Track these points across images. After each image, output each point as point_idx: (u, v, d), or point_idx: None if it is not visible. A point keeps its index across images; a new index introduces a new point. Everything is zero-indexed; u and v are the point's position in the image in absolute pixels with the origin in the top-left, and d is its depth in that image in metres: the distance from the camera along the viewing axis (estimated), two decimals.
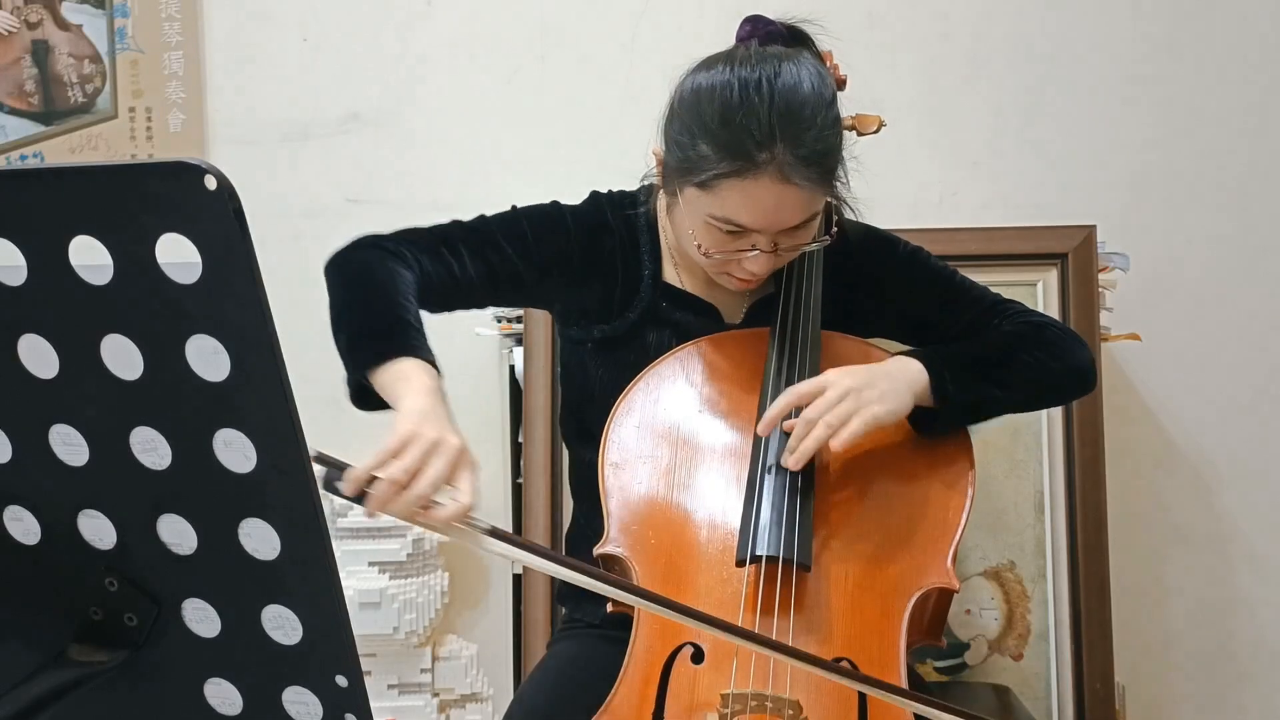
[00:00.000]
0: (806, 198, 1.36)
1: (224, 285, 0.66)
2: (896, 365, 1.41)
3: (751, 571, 1.30)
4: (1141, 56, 2.22)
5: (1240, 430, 2.24)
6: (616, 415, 1.43)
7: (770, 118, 1.32)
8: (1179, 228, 2.23)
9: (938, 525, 1.35)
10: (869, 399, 1.34)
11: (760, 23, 1.47)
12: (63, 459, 0.75)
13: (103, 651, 0.79)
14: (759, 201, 1.35)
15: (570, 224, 1.54)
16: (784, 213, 1.36)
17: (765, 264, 1.41)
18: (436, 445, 1.17)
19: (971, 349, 1.46)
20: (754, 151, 1.32)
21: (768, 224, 1.37)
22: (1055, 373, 1.47)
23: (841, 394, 1.34)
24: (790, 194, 1.34)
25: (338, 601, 0.74)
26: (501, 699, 2.20)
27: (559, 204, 1.57)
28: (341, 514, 2.12)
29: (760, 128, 1.32)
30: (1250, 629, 2.27)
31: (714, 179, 1.35)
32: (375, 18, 2.28)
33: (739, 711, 1.20)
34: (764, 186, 1.34)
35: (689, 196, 1.40)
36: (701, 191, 1.37)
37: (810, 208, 1.38)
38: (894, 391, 1.36)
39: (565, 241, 1.52)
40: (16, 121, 2.30)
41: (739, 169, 1.33)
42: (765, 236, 1.38)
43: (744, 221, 1.37)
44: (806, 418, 1.33)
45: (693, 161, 1.36)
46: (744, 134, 1.33)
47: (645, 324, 1.53)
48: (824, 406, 1.33)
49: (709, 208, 1.38)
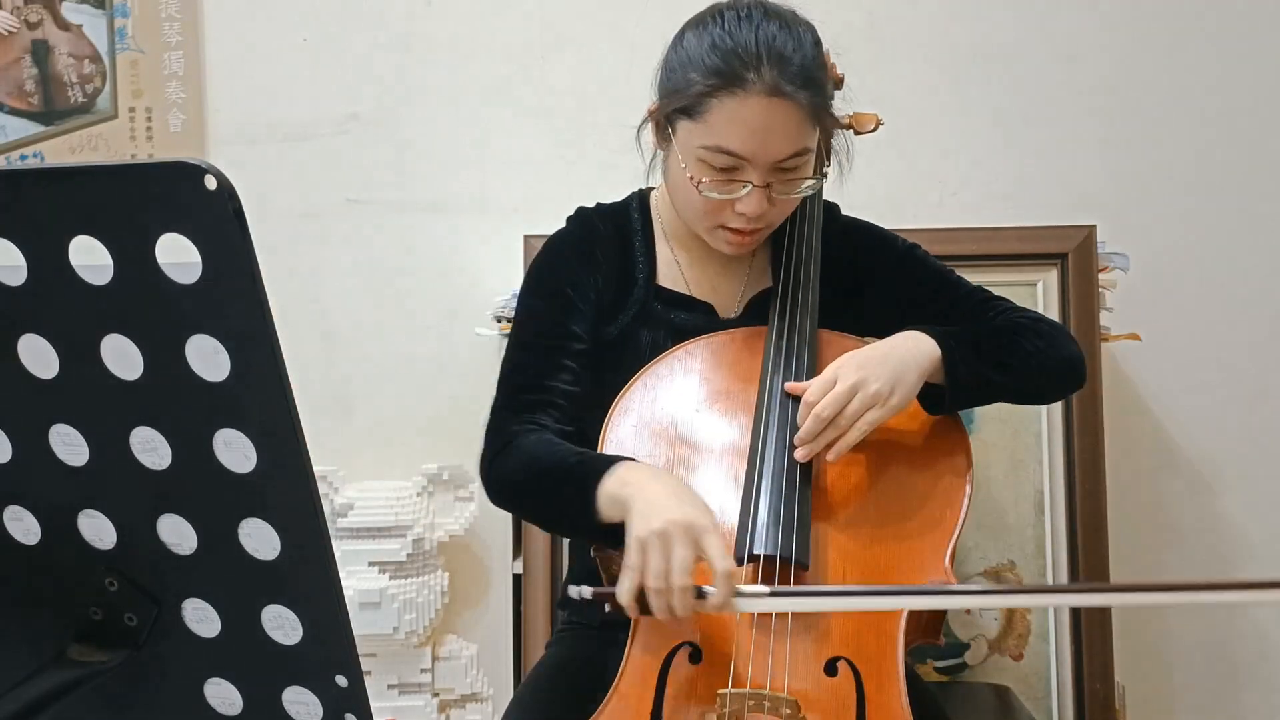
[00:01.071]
0: (796, 121, 1.37)
1: (224, 285, 0.66)
2: (908, 342, 1.40)
3: (749, 570, 1.30)
4: (1141, 56, 2.22)
5: (1240, 430, 2.24)
6: (614, 415, 1.43)
7: (757, 43, 1.36)
8: (1179, 228, 2.23)
9: (935, 523, 1.36)
10: (879, 392, 1.34)
11: None
12: (63, 459, 0.75)
13: (103, 651, 0.79)
14: (748, 122, 1.36)
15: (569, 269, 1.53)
16: (774, 136, 1.37)
17: (758, 204, 1.40)
18: (666, 533, 1.19)
19: (976, 330, 1.47)
20: (742, 71, 1.36)
21: (758, 147, 1.37)
22: (1053, 362, 1.48)
23: (850, 389, 1.34)
24: (779, 112, 1.36)
25: (338, 601, 0.74)
26: (501, 699, 2.20)
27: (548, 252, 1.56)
28: (341, 514, 2.12)
29: (747, 51, 1.36)
30: (1250, 629, 2.27)
31: (703, 99, 1.37)
32: (375, 18, 2.28)
33: (737, 711, 1.20)
34: (751, 104, 1.35)
35: (681, 132, 1.41)
36: (692, 122, 1.39)
37: (800, 137, 1.39)
38: (903, 379, 1.36)
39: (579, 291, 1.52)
40: (16, 121, 2.30)
41: (727, 86, 1.36)
42: (757, 171, 1.39)
43: (734, 147, 1.37)
44: (819, 415, 1.34)
45: (682, 89, 1.39)
46: (731, 56, 1.36)
47: (639, 326, 1.53)
48: (835, 403, 1.34)
49: (700, 137, 1.39)
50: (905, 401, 1.36)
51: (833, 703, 1.23)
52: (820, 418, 1.34)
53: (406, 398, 2.29)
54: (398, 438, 2.26)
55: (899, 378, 1.36)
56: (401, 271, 2.31)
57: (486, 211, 2.28)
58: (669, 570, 1.18)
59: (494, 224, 2.25)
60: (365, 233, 2.30)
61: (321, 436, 2.17)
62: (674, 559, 1.18)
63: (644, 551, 1.19)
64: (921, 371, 1.38)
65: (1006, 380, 1.45)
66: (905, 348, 1.40)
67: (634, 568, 1.20)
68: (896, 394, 1.35)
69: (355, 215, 2.30)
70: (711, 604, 1.18)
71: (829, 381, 1.35)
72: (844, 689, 1.23)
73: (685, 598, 1.18)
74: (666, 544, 1.19)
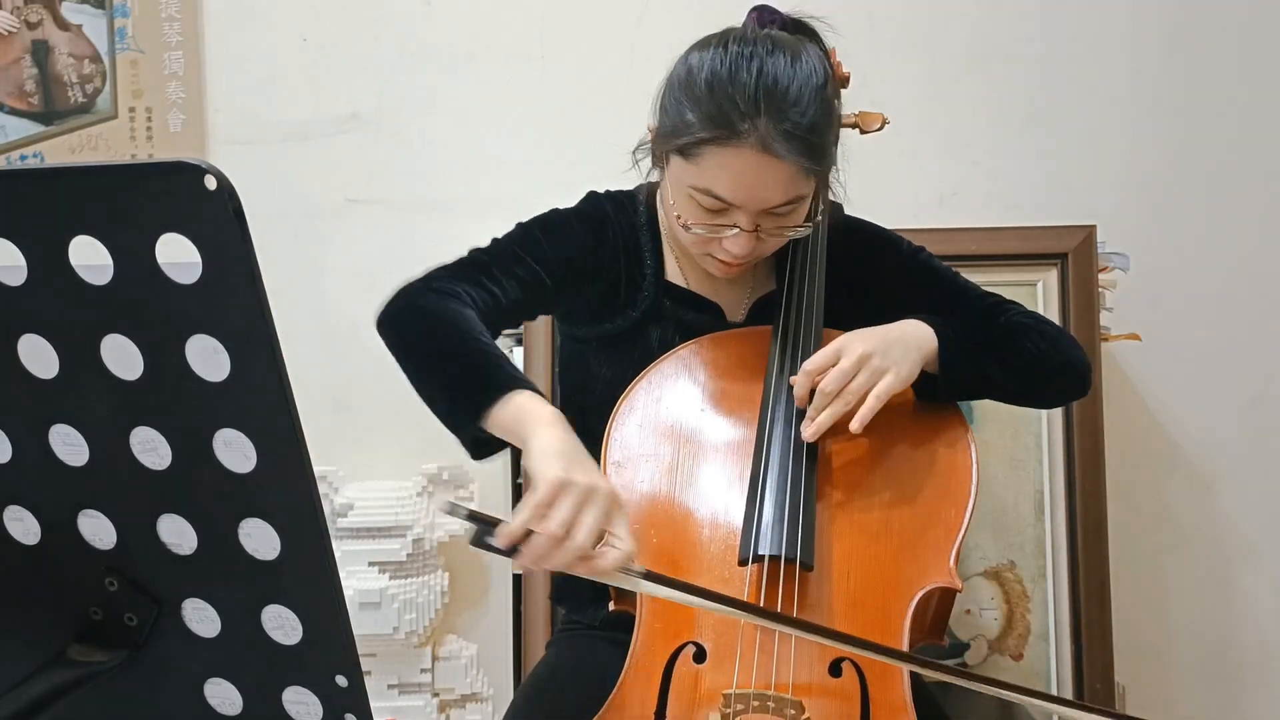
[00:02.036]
0: (788, 175, 1.35)
1: (224, 285, 0.66)
2: (909, 328, 1.41)
3: (754, 571, 1.30)
4: (1141, 56, 2.22)
5: (1240, 430, 2.24)
6: (619, 414, 1.43)
7: (756, 91, 1.33)
8: (1179, 228, 2.23)
9: (940, 525, 1.35)
10: (883, 367, 1.34)
11: (766, 12, 1.49)
12: (63, 459, 0.75)
13: (103, 651, 0.79)
14: (738, 173, 1.35)
15: (575, 224, 1.54)
16: (763, 188, 1.36)
17: (745, 245, 1.40)
18: (589, 493, 1.15)
19: (978, 325, 1.48)
20: (736, 121, 1.33)
21: (747, 198, 1.36)
22: (1054, 363, 1.48)
23: (856, 362, 1.34)
24: (770, 167, 1.34)
25: (338, 601, 0.74)
26: (501, 699, 2.20)
27: (559, 209, 1.57)
28: (341, 514, 2.12)
29: (745, 98, 1.33)
30: (1250, 629, 2.27)
31: (696, 144, 1.35)
32: (375, 18, 2.28)
33: (741, 711, 1.20)
34: (744, 157, 1.33)
35: (673, 167, 1.41)
36: (685, 161, 1.38)
37: (793, 188, 1.37)
38: (905, 358, 1.37)
39: (574, 242, 1.52)
40: (16, 121, 2.30)
41: (720, 136, 1.33)
42: (746, 215, 1.38)
43: (723, 193, 1.36)
44: (824, 389, 1.34)
45: (678, 128, 1.37)
46: (728, 103, 1.33)
47: (648, 321, 1.53)
48: (840, 377, 1.34)
49: (691, 178, 1.38)
50: (912, 375, 1.37)
51: (837, 703, 1.23)
52: (826, 392, 1.34)
53: (406, 398, 2.27)
54: (398, 438, 2.26)
55: (902, 355, 1.36)
56: (401, 271, 2.28)
57: (486, 211, 2.27)
58: (575, 525, 1.13)
59: (494, 224, 2.24)
60: (365, 233, 2.30)
61: (321, 436, 2.16)
62: (587, 518, 1.13)
63: (558, 495, 1.14)
64: (922, 353, 1.39)
65: (1004, 375, 1.45)
66: (904, 329, 1.41)
67: (539, 506, 1.13)
68: (904, 366, 1.36)
69: (355, 215, 2.30)
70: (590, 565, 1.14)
71: (832, 356, 1.35)
72: (848, 690, 1.22)
73: (570, 557, 1.13)
74: (585, 501, 1.14)
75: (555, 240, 1.51)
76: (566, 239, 1.52)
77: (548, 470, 1.16)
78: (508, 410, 1.26)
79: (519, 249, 1.50)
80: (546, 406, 1.27)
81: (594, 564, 1.14)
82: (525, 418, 1.25)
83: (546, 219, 1.55)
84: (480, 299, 1.43)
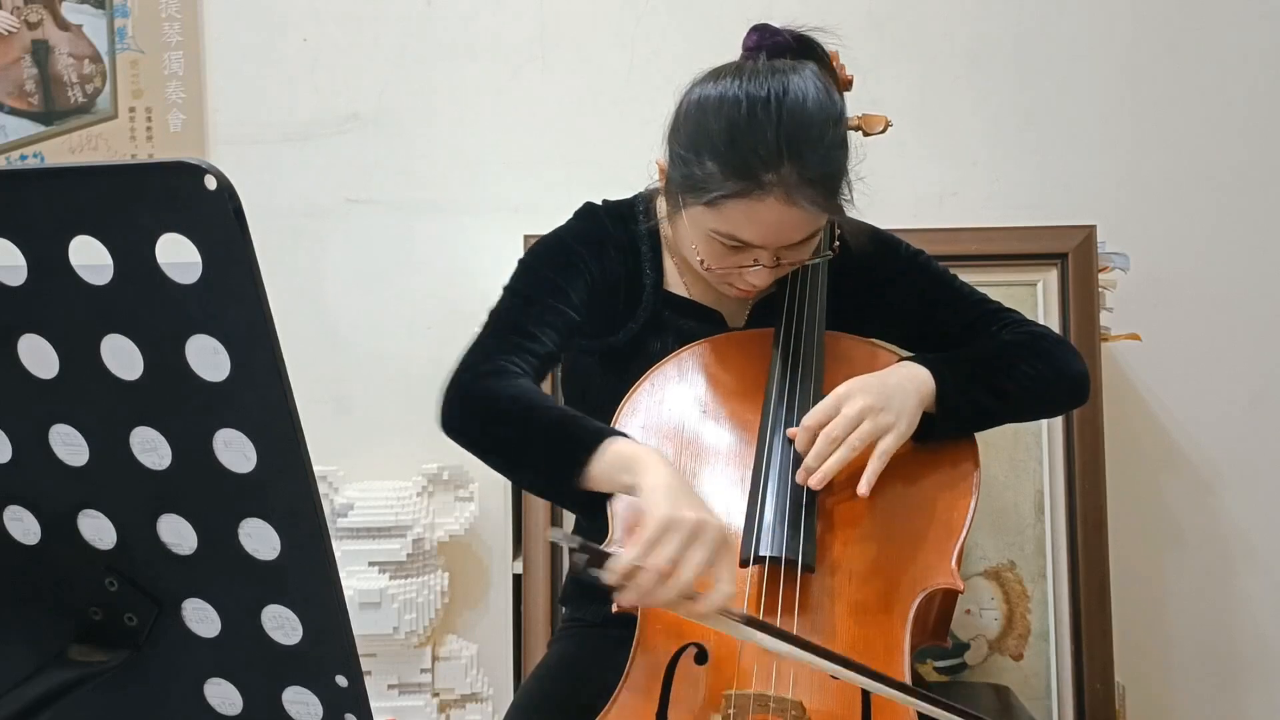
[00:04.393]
0: (812, 217, 1.37)
1: (224, 285, 0.66)
2: (905, 374, 1.39)
3: (755, 572, 1.30)
4: (1141, 56, 2.22)
5: (1240, 430, 2.24)
6: (621, 416, 1.43)
7: (778, 138, 1.32)
8: (1179, 228, 2.23)
9: (942, 526, 1.35)
10: (886, 422, 1.33)
11: (767, 32, 1.45)
12: (63, 459, 0.75)
13: (103, 651, 0.79)
14: (763, 222, 1.35)
15: (579, 249, 1.52)
16: (786, 231, 1.37)
17: (766, 277, 1.42)
18: (696, 530, 1.15)
19: (973, 356, 1.46)
20: (760, 172, 1.32)
21: (771, 241, 1.38)
22: (1053, 385, 1.47)
23: (859, 413, 1.32)
24: (795, 214, 1.35)
25: (338, 601, 0.74)
26: (501, 699, 2.20)
27: (558, 234, 1.55)
28: (341, 514, 2.12)
29: (767, 148, 1.32)
30: (1250, 629, 2.27)
31: (719, 199, 1.34)
32: (375, 18, 2.28)
33: (743, 713, 1.20)
34: (769, 207, 1.34)
35: (693, 212, 1.40)
36: (705, 208, 1.37)
37: (814, 225, 1.39)
38: (906, 407, 1.35)
39: (587, 269, 1.51)
40: (16, 121, 2.30)
41: (744, 189, 1.33)
42: (768, 252, 1.39)
43: (747, 239, 1.37)
44: (829, 435, 1.32)
45: (698, 179, 1.36)
46: (750, 154, 1.32)
47: (649, 333, 1.52)
48: (845, 425, 1.32)
49: (712, 224, 1.38)
50: (913, 425, 1.35)
51: (838, 705, 1.23)
52: (831, 437, 1.32)
53: (406, 398, 2.29)
54: (398, 438, 2.26)
55: (903, 405, 1.35)
56: (401, 271, 2.31)
57: (486, 211, 2.28)
58: (682, 562, 1.14)
59: (494, 224, 2.25)
60: (365, 233, 2.30)
61: (321, 436, 2.17)
62: (692, 555, 1.15)
63: (665, 533, 1.15)
64: (920, 397, 1.37)
65: (1005, 407, 1.45)
66: (901, 374, 1.39)
67: (648, 543, 1.14)
68: (903, 421, 1.34)
69: (355, 215, 2.30)
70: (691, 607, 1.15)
71: (833, 408, 1.34)
72: (850, 691, 1.22)
73: (674, 594, 1.14)
74: (692, 539, 1.15)
75: (569, 275, 1.49)
76: (578, 269, 1.50)
77: (655, 509, 1.17)
78: (604, 464, 1.26)
79: (543, 296, 1.46)
80: (640, 445, 1.27)
81: (695, 606, 1.15)
82: (624, 463, 1.24)
83: (550, 254, 1.52)
84: (526, 363, 1.40)
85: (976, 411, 1.42)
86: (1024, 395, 1.45)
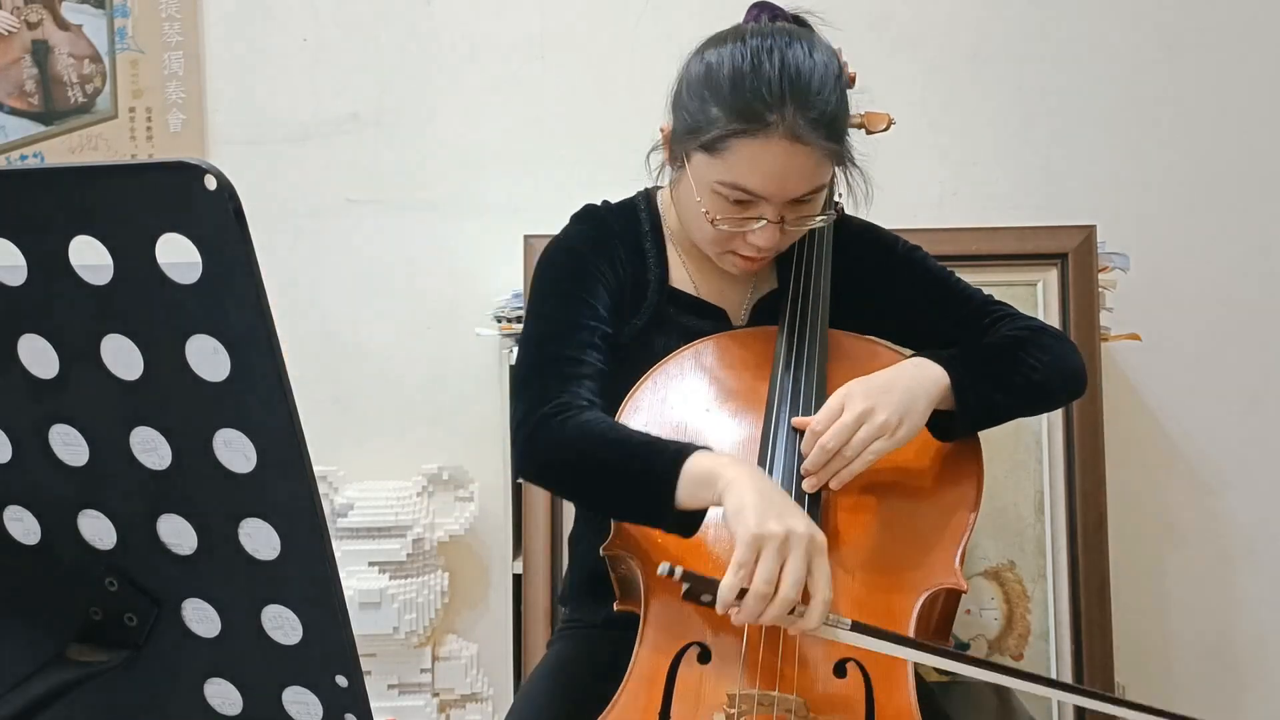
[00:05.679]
0: (815, 163, 1.36)
1: (224, 285, 0.66)
2: (917, 373, 1.38)
3: None
4: (1141, 57, 2.23)
5: (1240, 430, 2.24)
6: (624, 413, 1.42)
7: (781, 81, 1.33)
8: (1179, 228, 2.23)
9: (945, 526, 1.35)
10: (888, 423, 1.32)
11: (768, 8, 1.49)
12: (63, 459, 0.75)
13: (103, 651, 0.78)
14: (768, 164, 1.35)
15: (591, 257, 1.51)
16: (792, 178, 1.36)
17: (771, 237, 1.40)
18: (787, 541, 1.16)
19: (985, 353, 1.45)
20: (764, 112, 1.33)
21: (776, 189, 1.37)
22: (1055, 378, 1.47)
23: (856, 418, 1.32)
24: (799, 155, 1.35)
25: (338, 601, 0.74)
26: (501, 699, 2.21)
27: (566, 243, 1.53)
28: (341, 514, 2.12)
29: (770, 90, 1.33)
30: (1250, 629, 2.27)
31: (723, 138, 1.35)
32: (375, 18, 2.28)
33: (746, 712, 1.20)
34: (773, 147, 1.34)
35: (697, 164, 1.40)
36: (710, 156, 1.37)
37: (817, 177, 1.38)
38: (911, 408, 1.34)
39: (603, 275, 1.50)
40: (16, 121, 2.30)
41: (749, 129, 1.34)
42: (772, 206, 1.38)
43: (752, 186, 1.36)
44: (825, 446, 1.32)
45: (701, 124, 1.37)
46: (754, 96, 1.34)
47: (652, 330, 1.52)
48: (841, 434, 1.32)
49: (717, 173, 1.38)
50: (913, 431, 1.35)
51: (842, 704, 1.22)
52: (826, 449, 1.32)
53: (406, 398, 2.29)
54: (398, 438, 2.26)
55: (908, 407, 1.34)
56: (401, 271, 2.31)
57: (486, 211, 2.28)
58: (781, 579, 1.15)
59: (494, 224, 2.25)
60: (365, 233, 2.30)
61: (321, 436, 2.17)
62: (790, 569, 1.15)
63: (758, 551, 1.15)
64: (931, 399, 1.36)
65: (1012, 402, 1.44)
66: (912, 375, 1.38)
67: (742, 565, 1.15)
68: (905, 424, 1.33)
69: (355, 215, 2.30)
70: (799, 624, 1.17)
71: (835, 410, 1.33)
72: (853, 690, 1.22)
73: (782, 610, 1.15)
74: (785, 551, 1.15)
75: (591, 286, 1.48)
76: (595, 277, 1.49)
77: (741, 529, 1.17)
78: (689, 482, 1.25)
79: (575, 316, 1.45)
80: (720, 456, 1.27)
81: (802, 624, 1.17)
82: (708, 479, 1.24)
83: (566, 267, 1.50)
84: (584, 392, 1.39)
85: (991, 407, 1.42)
86: (1032, 390, 1.45)
